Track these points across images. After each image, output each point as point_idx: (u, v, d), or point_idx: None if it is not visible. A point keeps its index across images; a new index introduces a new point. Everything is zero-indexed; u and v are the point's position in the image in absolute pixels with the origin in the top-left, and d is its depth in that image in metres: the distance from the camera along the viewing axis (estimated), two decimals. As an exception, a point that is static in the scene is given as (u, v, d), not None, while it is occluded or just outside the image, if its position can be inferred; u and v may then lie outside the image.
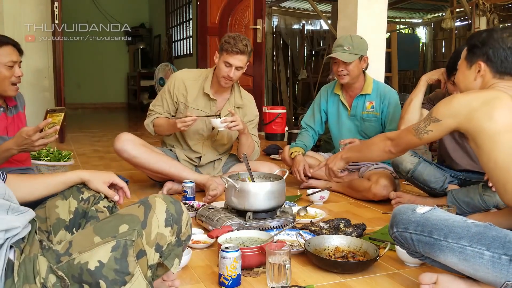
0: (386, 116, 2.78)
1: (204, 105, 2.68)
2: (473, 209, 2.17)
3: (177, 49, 9.02)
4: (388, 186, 2.51)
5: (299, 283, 1.52)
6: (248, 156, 2.64)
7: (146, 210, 1.13)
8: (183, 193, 2.40)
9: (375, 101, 2.79)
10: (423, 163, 2.36)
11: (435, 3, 9.01)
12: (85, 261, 1.04)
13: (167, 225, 1.15)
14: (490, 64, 1.57)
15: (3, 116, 2.11)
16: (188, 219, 1.22)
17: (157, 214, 1.14)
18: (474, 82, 1.62)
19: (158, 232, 1.13)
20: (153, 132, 2.73)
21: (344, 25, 4.23)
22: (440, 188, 2.34)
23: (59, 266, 1.05)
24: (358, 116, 2.82)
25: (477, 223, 1.33)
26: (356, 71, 2.71)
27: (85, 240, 1.08)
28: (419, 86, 2.41)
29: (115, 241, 1.06)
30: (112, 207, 1.49)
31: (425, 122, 1.61)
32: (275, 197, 1.94)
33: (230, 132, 2.72)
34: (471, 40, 1.65)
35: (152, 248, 1.12)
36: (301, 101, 8.61)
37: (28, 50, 4.86)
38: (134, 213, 1.12)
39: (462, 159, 2.38)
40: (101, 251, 1.05)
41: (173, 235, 1.17)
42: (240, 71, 2.57)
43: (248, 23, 5.07)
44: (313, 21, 9.29)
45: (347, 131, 2.86)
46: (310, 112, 3.03)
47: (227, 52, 2.51)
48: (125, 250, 1.06)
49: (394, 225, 1.43)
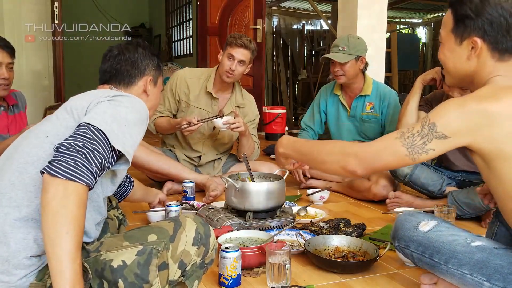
0: (385, 117, 2.78)
1: (206, 104, 2.69)
2: (474, 210, 2.17)
3: (177, 49, 9.02)
4: (388, 186, 2.50)
5: (299, 283, 1.52)
6: (248, 156, 2.65)
7: (176, 226, 1.16)
8: (183, 193, 2.40)
9: (375, 102, 2.79)
10: (420, 166, 2.36)
11: (435, 3, 9.01)
12: (110, 259, 1.08)
13: (195, 244, 1.17)
14: (488, 40, 1.21)
15: (4, 115, 2.12)
16: (214, 243, 1.25)
17: (186, 231, 1.17)
18: (468, 63, 1.26)
19: (184, 249, 1.15)
20: (154, 131, 2.73)
21: (344, 25, 4.23)
22: (439, 192, 2.34)
23: (87, 260, 1.09)
24: (357, 117, 2.82)
25: (482, 246, 1.23)
26: (352, 71, 2.71)
27: (115, 243, 1.12)
28: (415, 88, 2.41)
29: (141, 247, 1.09)
30: (121, 218, 1.64)
31: (423, 137, 1.18)
32: (275, 197, 1.94)
33: (231, 132, 2.73)
34: (460, 7, 1.24)
35: (176, 264, 1.14)
36: (301, 101, 8.61)
37: (28, 50, 4.90)
38: (164, 227, 1.15)
39: (459, 160, 2.37)
40: (127, 253, 1.08)
41: (199, 256, 1.19)
42: (242, 66, 2.59)
43: (248, 23, 5.07)
44: (313, 21, 9.29)
45: (347, 132, 2.86)
46: (310, 113, 3.03)
47: (231, 46, 2.57)
48: (149, 257, 1.09)
49: (396, 239, 1.40)
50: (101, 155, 1.03)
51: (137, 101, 1.22)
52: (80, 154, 1.00)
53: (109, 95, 1.17)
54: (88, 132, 1.04)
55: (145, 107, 1.23)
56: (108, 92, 1.21)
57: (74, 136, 1.03)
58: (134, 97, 1.23)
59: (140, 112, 1.19)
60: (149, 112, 1.30)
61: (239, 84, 2.78)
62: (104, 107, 1.12)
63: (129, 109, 1.15)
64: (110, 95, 1.17)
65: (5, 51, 2.11)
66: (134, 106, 1.18)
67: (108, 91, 1.24)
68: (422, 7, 9.51)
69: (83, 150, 1.00)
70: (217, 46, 5.27)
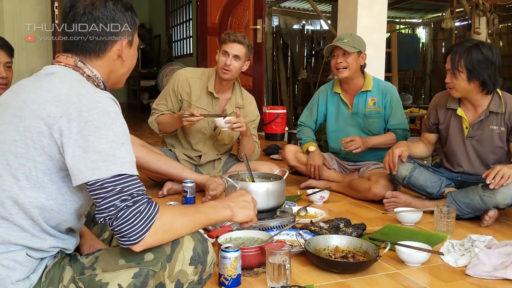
0: (388, 112, 2.80)
1: (207, 104, 2.69)
2: (473, 210, 2.16)
3: (177, 49, 9.02)
4: (388, 186, 2.50)
5: (299, 283, 1.52)
6: (248, 157, 2.65)
7: (173, 244, 1.12)
8: (183, 193, 2.39)
9: (377, 97, 2.79)
10: (418, 168, 2.36)
11: (435, 3, 9.01)
12: (106, 281, 1.06)
13: (192, 263, 1.14)
14: None
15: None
16: (213, 258, 1.21)
17: (184, 251, 1.13)
18: None
19: (181, 269, 1.13)
20: (157, 130, 2.73)
21: (344, 25, 4.23)
22: (438, 193, 2.34)
23: (81, 278, 1.08)
24: (360, 114, 2.82)
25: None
26: (354, 65, 2.72)
27: (111, 260, 1.10)
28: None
29: (138, 268, 1.08)
30: None
31: None
32: (275, 197, 1.94)
33: (232, 133, 2.73)
34: None
35: (173, 283, 1.12)
36: (301, 101, 8.61)
37: (28, 50, 4.90)
38: (162, 245, 1.11)
39: (464, 162, 2.35)
40: (123, 275, 1.07)
41: (196, 275, 1.16)
42: (238, 61, 2.59)
43: (248, 23, 5.07)
44: (313, 21, 9.29)
45: (350, 129, 2.84)
46: (307, 111, 3.02)
47: (224, 42, 2.60)
48: (146, 279, 1.07)
49: None
50: (132, 188, 1.04)
51: (104, 112, 1.04)
52: (127, 208, 1.02)
53: (75, 109, 1.02)
54: (109, 185, 1.01)
55: (112, 105, 1.07)
56: (71, 101, 1.03)
57: (105, 198, 1.02)
58: (97, 104, 1.04)
59: (112, 127, 1.04)
60: (125, 75, 1.24)
61: (239, 84, 2.78)
62: (89, 146, 1.01)
63: (106, 133, 1.02)
64: (76, 110, 1.02)
65: (3, 50, 2.11)
66: (106, 124, 1.03)
67: (69, 97, 1.04)
68: (422, 7, 9.52)
69: (124, 203, 1.02)
70: (217, 46, 5.25)
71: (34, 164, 1.03)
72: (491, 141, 2.27)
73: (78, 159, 1.01)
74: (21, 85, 1.13)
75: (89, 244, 1.35)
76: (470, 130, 2.29)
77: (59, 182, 1.06)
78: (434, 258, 1.74)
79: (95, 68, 1.17)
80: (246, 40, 2.60)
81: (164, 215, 1.07)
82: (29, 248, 1.05)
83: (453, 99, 2.34)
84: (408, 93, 8.35)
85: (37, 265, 1.07)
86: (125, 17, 1.18)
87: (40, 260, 1.08)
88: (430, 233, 2.00)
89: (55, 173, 1.05)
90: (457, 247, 1.80)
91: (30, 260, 1.05)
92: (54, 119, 1.01)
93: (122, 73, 1.24)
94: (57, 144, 1.02)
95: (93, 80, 1.15)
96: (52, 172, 1.04)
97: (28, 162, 1.02)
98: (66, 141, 1.01)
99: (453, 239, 1.86)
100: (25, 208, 1.03)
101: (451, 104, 2.35)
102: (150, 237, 1.03)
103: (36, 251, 1.06)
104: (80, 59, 1.16)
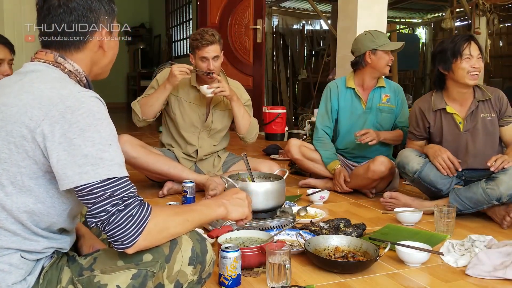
0: (399, 110, 2.87)
1: (195, 97, 2.69)
2: (476, 204, 2.16)
3: (177, 49, 9.02)
4: (386, 163, 2.55)
5: (299, 283, 1.52)
6: (245, 131, 2.66)
7: (172, 245, 1.11)
8: (183, 193, 2.40)
9: (391, 95, 2.85)
10: (430, 163, 2.34)
11: (435, 3, 9.01)
12: (105, 283, 1.06)
13: (191, 263, 1.13)
14: None
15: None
16: (212, 258, 1.20)
17: (182, 251, 1.12)
18: None
19: (180, 269, 1.12)
20: (139, 112, 2.59)
21: (344, 25, 4.23)
22: (447, 190, 2.31)
23: (80, 279, 1.08)
24: (374, 108, 2.83)
25: None
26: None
27: (109, 261, 1.09)
28: None
29: (136, 270, 1.07)
30: None
31: None
32: (275, 197, 1.94)
33: (222, 117, 2.73)
34: None
35: (172, 284, 1.12)
36: (301, 101, 8.61)
37: (28, 50, 4.88)
38: (160, 246, 1.10)
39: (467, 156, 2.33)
40: (122, 277, 1.06)
41: (195, 274, 1.16)
42: (218, 60, 2.60)
43: (248, 23, 5.07)
44: (313, 21, 9.29)
45: (363, 124, 2.83)
46: (323, 111, 2.92)
47: (198, 48, 2.55)
48: (145, 280, 1.07)
49: None
50: (122, 192, 1.02)
51: (89, 112, 1.01)
52: (119, 212, 1.00)
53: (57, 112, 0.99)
54: (99, 190, 0.99)
55: (97, 104, 1.04)
56: (53, 103, 1.00)
57: (95, 203, 1.00)
58: (81, 104, 1.01)
59: (98, 128, 1.02)
60: (108, 65, 1.21)
61: (223, 73, 2.77)
62: (75, 150, 0.98)
63: (91, 135, 1.00)
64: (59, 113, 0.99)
65: (7, 48, 2.13)
66: (91, 125, 1.01)
67: (50, 98, 1.00)
68: (422, 7, 9.51)
69: (115, 208, 1.00)
70: (217, 46, 5.26)
71: (18, 169, 1.00)
72: (486, 129, 2.32)
73: (64, 163, 0.98)
74: (2, 85, 1.09)
75: (89, 244, 1.35)
76: (465, 124, 2.32)
77: (47, 184, 1.04)
78: (434, 258, 1.74)
79: (76, 62, 1.13)
80: (216, 37, 2.56)
81: (157, 216, 1.06)
82: (23, 250, 1.04)
83: (436, 100, 2.38)
84: (408, 93, 8.33)
85: (33, 267, 1.07)
86: (102, 5, 1.13)
87: (36, 262, 1.08)
88: (430, 233, 2.00)
89: (41, 176, 1.02)
90: (457, 247, 1.80)
91: (25, 262, 1.05)
92: (36, 123, 0.98)
93: (105, 64, 1.20)
94: (40, 148, 0.99)
95: (75, 75, 1.11)
96: (38, 175, 1.02)
97: (12, 167, 1.00)
98: (49, 145, 0.98)
99: (453, 239, 1.86)
100: (13, 213, 1.02)
101: (437, 105, 2.38)
102: (143, 239, 1.03)
103: (30, 253, 1.05)
104: (60, 54, 1.12)
